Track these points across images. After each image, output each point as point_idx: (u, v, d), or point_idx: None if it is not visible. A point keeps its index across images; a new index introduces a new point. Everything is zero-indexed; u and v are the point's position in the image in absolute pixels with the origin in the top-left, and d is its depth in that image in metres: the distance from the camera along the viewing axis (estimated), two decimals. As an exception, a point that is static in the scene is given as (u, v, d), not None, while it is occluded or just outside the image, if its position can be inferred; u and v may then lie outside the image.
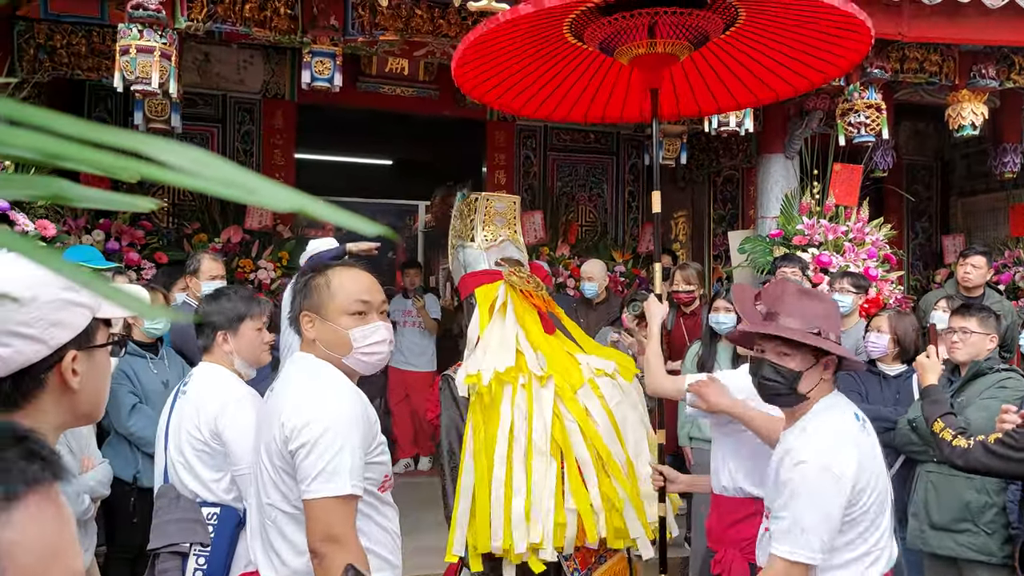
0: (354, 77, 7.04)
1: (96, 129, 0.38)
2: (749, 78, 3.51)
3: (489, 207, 3.88)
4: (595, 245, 7.99)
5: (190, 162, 0.40)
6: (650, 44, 3.01)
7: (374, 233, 0.48)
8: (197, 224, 6.64)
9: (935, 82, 6.06)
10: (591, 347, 3.75)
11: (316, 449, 1.86)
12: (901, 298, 5.89)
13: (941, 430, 2.97)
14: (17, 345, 1.16)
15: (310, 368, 2.05)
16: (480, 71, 3.31)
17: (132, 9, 4.23)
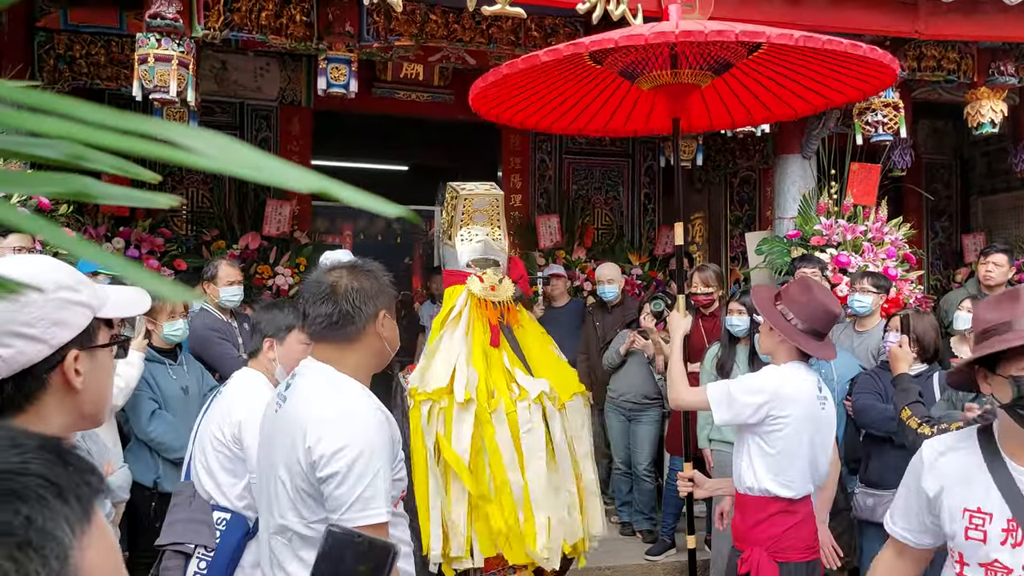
0: (369, 83, 7.07)
1: (120, 116, 0.39)
2: (767, 96, 3.51)
3: (468, 205, 3.85)
4: (611, 248, 7.97)
5: (213, 147, 0.40)
6: (673, 74, 3.01)
7: (394, 214, 0.48)
8: (215, 231, 6.68)
9: (953, 80, 6.01)
10: (539, 361, 3.73)
11: (350, 478, 1.79)
12: (921, 298, 5.84)
13: (908, 418, 3.12)
14: (19, 345, 1.16)
15: (331, 382, 1.95)
16: (498, 95, 3.33)
17: (150, 18, 4.28)
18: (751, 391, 2.82)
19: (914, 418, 3.11)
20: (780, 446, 2.78)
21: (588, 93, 3.51)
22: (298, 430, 1.88)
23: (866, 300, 4.47)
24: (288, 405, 1.97)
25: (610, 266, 6.14)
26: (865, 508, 3.77)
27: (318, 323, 1.97)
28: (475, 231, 3.83)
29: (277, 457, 1.93)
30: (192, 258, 6.36)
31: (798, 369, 2.84)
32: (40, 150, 0.42)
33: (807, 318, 2.77)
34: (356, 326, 1.95)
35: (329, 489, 1.81)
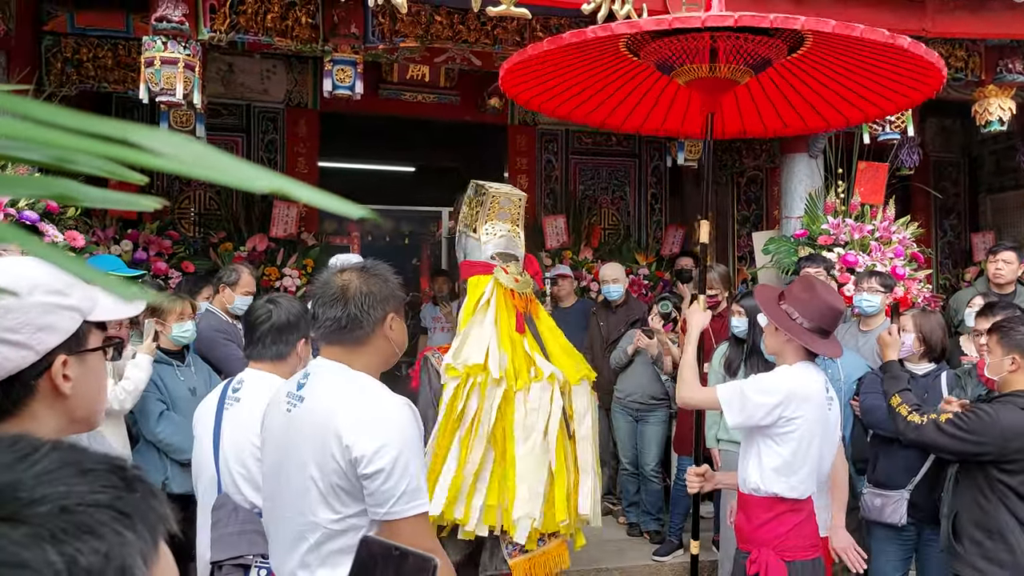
0: (375, 85, 7.09)
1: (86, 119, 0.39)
2: (802, 104, 3.45)
3: (495, 203, 4.14)
4: (618, 248, 7.97)
5: (172, 147, 0.40)
6: (711, 68, 2.96)
7: (357, 215, 0.48)
8: (223, 233, 6.71)
9: (961, 78, 5.98)
10: (553, 348, 4.03)
11: (395, 473, 1.84)
12: (930, 297, 5.81)
13: (898, 405, 3.16)
14: (3, 352, 1.14)
15: (353, 381, 1.98)
16: (528, 79, 3.29)
17: (156, 22, 4.30)
18: (764, 392, 2.80)
19: (904, 405, 3.15)
20: (792, 448, 2.77)
21: (623, 86, 3.43)
22: (328, 430, 1.89)
23: (875, 300, 4.44)
24: (307, 405, 1.98)
25: (613, 266, 6.14)
26: (873, 508, 3.76)
27: (327, 326, 1.99)
28: (499, 227, 4.11)
29: (304, 456, 1.94)
30: (200, 260, 6.38)
31: (808, 369, 2.83)
32: (26, 153, 0.42)
33: (812, 316, 2.76)
34: (364, 330, 1.98)
35: (375, 485, 1.84)
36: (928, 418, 3.04)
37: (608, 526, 5.85)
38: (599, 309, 6.11)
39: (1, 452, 0.53)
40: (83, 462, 0.55)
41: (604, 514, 5.97)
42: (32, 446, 0.55)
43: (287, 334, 2.67)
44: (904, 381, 3.24)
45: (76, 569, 0.49)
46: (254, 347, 2.69)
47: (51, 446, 0.55)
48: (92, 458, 0.57)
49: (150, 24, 4.34)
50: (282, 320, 2.66)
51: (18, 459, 0.53)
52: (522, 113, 7.96)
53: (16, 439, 0.56)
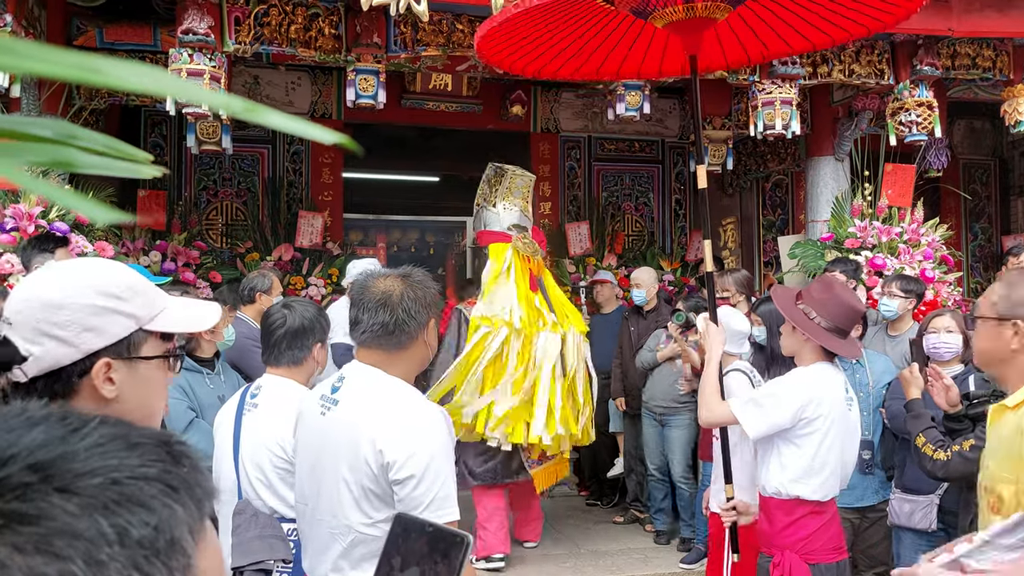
0: (399, 95, 7.14)
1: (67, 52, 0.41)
2: (785, 29, 3.29)
3: (512, 183, 5.07)
4: (643, 254, 7.94)
5: (139, 74, 0.42)
6: (687, 8, 2.86)
7: (331, 141, 0.49)
8: (249, 243, 6.78)
9: (989, 78, 5.91)
10: (557, 304, 5.08)
11: (425, 480, 1.86)
12: (960, 300, 5.72)
13: (923, 444, 3.06)
14: (47, 345, 1.17)
15: (389, 386, 1.99)
16: (504, 41, 3.21)
17: (182, 34, 4.37)
18: (781, 396, 2.76)
19: (928, 444, 3.05)
20: (812, 450, 2.73)
21: (598, 35, 3.29)
22: (362, 434, 1.91)
23: (892, 304, 4.37)
24: (342, 408, 2.00)
25: (644, 270, 6.10)
26: (902, 514, 3.69)
27: (373, 330, 2.00)
28: (515, 202, 5.01)
29: (338, 459, 1.96)
30: (227, 270, 6.46)
31: (826, 369, 2.79)
32: (33, 128, 0.43)
33: (830, 316, 2.73)
34: (409, 334, 2.01)
35: (406, 491, 1.87)
36: (952, 451, 2.97)
37: (634, 534, 5.81)
38: (630, 314, 6.08)
39: (52, 425, 0.54)
40: (131, 436, 0.56)
41: (631, 522, 5.97)
42: (82, 420, 0.55)
43: (302, 339, 2.65)
44: (927, 419, 3.16)
45: (128, 540, 0.49)
46: (270, 353, 2.69)
47: (99, 420, 0.56)
48: (139, 432, 0.57)
49: (176, 37, 4.42)
50: (296, 325, 2.64)
51: (70, 432, 0.53)
52: (544, 121, 7.97)
53: (65, 413, 0.56)
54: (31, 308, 1.18)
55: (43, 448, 0.51)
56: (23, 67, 0.39)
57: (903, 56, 5.68)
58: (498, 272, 4.89)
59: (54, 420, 0.55)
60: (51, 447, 0.52)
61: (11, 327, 1.18)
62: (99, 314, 1.20)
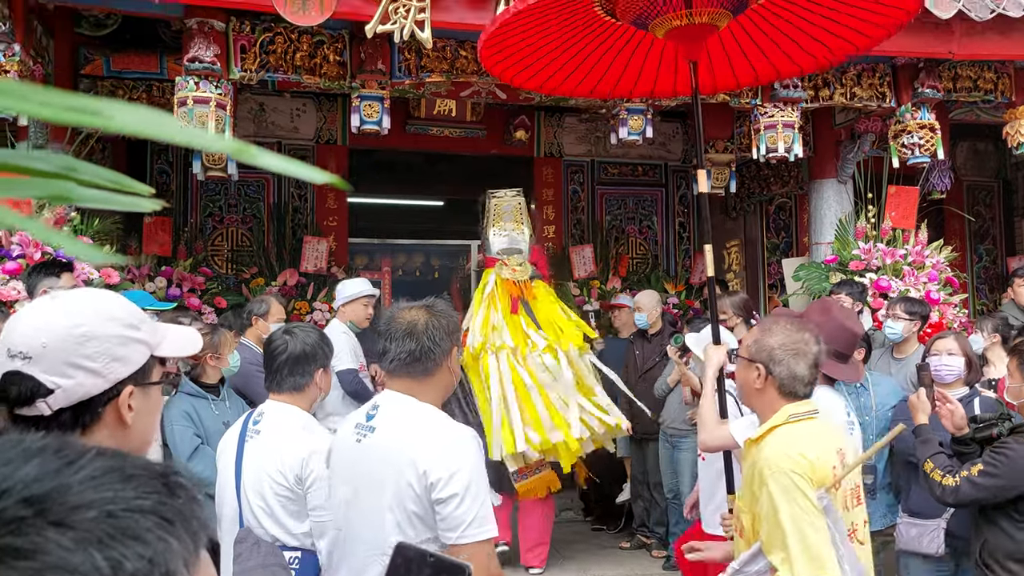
0: (403, 121, 7.19)
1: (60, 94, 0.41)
2: (790, 45, 3.26)
3: (498, 207, 5.24)
4: (647, 277, 7.94)
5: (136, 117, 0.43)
6: (687, 15, 2.84)
7: (321, 180, 0.50)
8: (255, 268, 6.80)
9: (991, 100, 5.93)
10: (548, 324, 5.10)
11: (467, 499, 1.93)
12: (966, 322, 5.70)
13: (931, 470, 3.04)
14: (79, 377, 1.20)
15: (423, 412, 2.08)
16: (508, 52, 3.20)
17: (189, 62, 4.41)
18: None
19: (937, 470, 3.03)
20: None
21: (606, 52, 3.29)
22: (403, 458, 1.97)
23: (896, 327, 4.36)
24: (380, 435, 2.07)
25: (644, 294, 6.10)
26: (909, 539, 3.65)
27: (401, 358, 2.09)
28: (504, 227, 5.16)
29: (378, 483, 2.02)
30: (232, 295, 6.47)
31: (825, 393, 2.76)
32: (34, 163, 0.44)
33: (828, 339, 2.69)
34: (435, 361, 2.10)
35: (448, 510, 1.93)
36: (960, 477, 2.95)
37: (641, 559, 5.76)
38: (636, 338, 6.07)
39: (47, 457, 0.54)
40: (127, 468, 0.56)
41: (637, 547, 5.91)
42: (77, 451, 0.55)
43: (304, 364, 2.63)
44: (935, 444, 3.13)
45: (122, 574, 0.49)
46: (272, 379, 2.67)
47: (96, 451, 0.56)
48: (135, 464, 0.57)
49: (183, 65, 4.46)
50: (298, 351, 2.63)
51: (65, 464, 0.53)
52: (548, 145, 8.02)
53: (61, 445, 0.56)
54: (58, 341, 1.20)
55: (38, 482, 0.51)
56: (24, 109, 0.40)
57: (904, 79, 5.71)
58: (479, 297, 5.17)
59: (50, 452, 0.55)
60: (46, 480, 0.52)
61: (30, 361, 1.19)
62: (124, 344, 1.24)
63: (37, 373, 1.19)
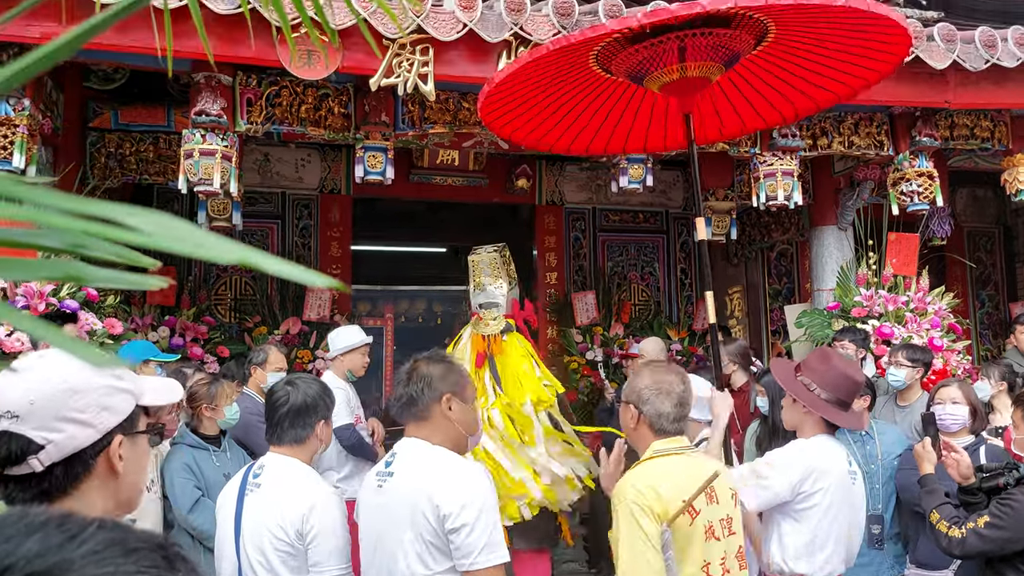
0: (407, 170, 7.26)
1: (76, 200, 0.43)
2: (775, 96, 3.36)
3: (475, 263, 5.29)
4: (650, 324, 7.94)
5: (154, 225, 0.44)
6: (681, 68, 2.91)
7: (320, 284, 0.51)
8: (258, 317, 6.81)
9: (988, 147, 5.99)
10: (511, 379, 4.87)
11: (478, 527, 2.10)
12: (970, 369, 5.68)
13: (937, 521, 3.02)
14: (70, 430, 1.21)
15: (436, 452, 2.26)
16: (507, 109, 3.26)
17: (195, 115, 4.48)
18: (780, 468, 2.70)
19: (943, 521, 3.00)
20: (813, 524, 2.66)
21: (600, 108, 3.37)
22: (420, 494, 2.16)
23: (899, 374, 4.35)
24: (398, 477, 2.25)
25: (648, 341, 6.07)
26: (918, 590, 3.61)
27: (400, 402, 2.33)
28: (481, 282, 5.21)
29: (399, 521, 2.19)
30: (235, 344, 6.47)
31: (827, 442, 2.75)
32: (44, 240, 0.45)
33: (829, 387, 2.70)
34: (419, 406, 2.30)
35: (460, 539, 2.11)
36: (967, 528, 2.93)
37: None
38: None
39: (50, 532, 0.54)
40: (128, 541, 0.57)
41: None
42: (79, 525, 0.56)
43: (305, 417, 2.62)
44: (941, 495, 3.11)
45: None
46: (273, 431, 2.65)
47: (97, 525, 0.57)
48: (136, 537, 0.58)
49: (190, 118, 4.53)
50: (299, 403, 2.62)
51: (67, 539, 0.54)
52: (549, 193, 8.09)
53: (64, 518, 0.57)
54: (46, 398, 1.21)
55: (40, 557, 0.52)
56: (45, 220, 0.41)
57: (902, 127, 5.78)
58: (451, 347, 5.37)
59: (52, 527, 0.55)
60: (48, 556, 0.52)
61: (18, 420, 1.19)
62: (111, 394, 1.26)
63: (27, 431, 1.19)
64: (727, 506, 2.31)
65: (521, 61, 2.86)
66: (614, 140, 3.72)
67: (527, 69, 2.90)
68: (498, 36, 4.35)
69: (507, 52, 4.43)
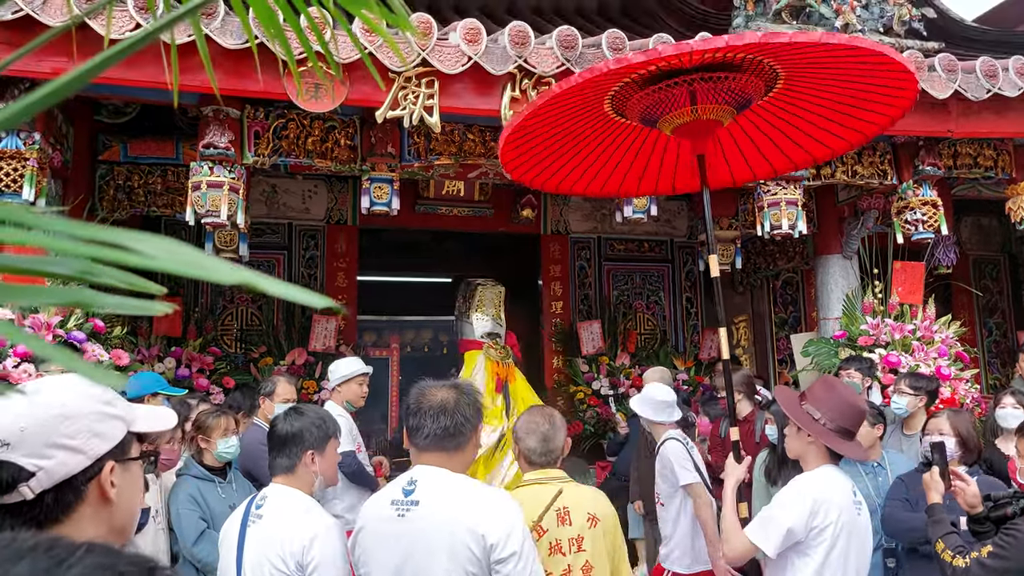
0: (412, 201, 7.31)
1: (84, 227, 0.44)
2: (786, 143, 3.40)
3: (483, 295, 5.67)
4: (655, 353, 7.92)
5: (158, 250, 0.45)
6: (692, 111, 2.95)
7: (323, 305, 0.52)
8: (264, 348, 6.83)
9: (991, 176, 6.01)
10: (522, 403, 5.30)
11: (524, 555, 2.13)
12: (978, 397, 5.65)
13: (942, 551, 2.99)
14: (61, 456, 1.20)
15: (463, 483, 2.27)
16: (524, 151, 3.30)
17: (204, 148, 4.53)
18: (789, 504, 2.66)
19: (947, 551, 2.97)
20: (820, 558, 2.61)
21: (609, 147, 3.42)
22: (459, 524, 2.13)
23: (901, 402, 4.32)
24: (426, 506, 2.20)
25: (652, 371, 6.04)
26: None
27: (437, 433, 2.27)
28: (487, 312, 5.58)
29: (431, 553, 2.15)
30: (240, 375, 6.48)
31: (831, 472, 2.72)
32: (52, 267, 0.46)
33: (833, 416, 2.68)
34: (465, 436, 2.30)
35: (509, 568, 2.11)
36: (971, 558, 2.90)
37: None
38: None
39: (38, 557, 0.54)
40: (117, 565, 0.56)
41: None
42: (68, 550, 0.56)
43: (290, 446, 2.61)
44: (947, 524, 3.08)
45: None
46: (271, 460, 2.66)
47: (86, 549, 0.57)
48: (125, 560, 0.58)
49: (198, 151, 4.58)
50: (283, 432, 2.62)
51: (55, 564, 0.54)
52: (554, 223, 8.12)
53: (52, 543, 0.57)
54: (37, 425, 1.20)
55: None
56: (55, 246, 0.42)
57: (905, 157, 5.80)
58: (469, 373, 5.55)
59: (40, 551, 0.55)
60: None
61: (8, 448, 1.19)
62: (102, 420, 1.26)
63: (17, 458, 1.19)
64: (580, 527, 2.62)
65: (543, 98, 2.89)
66: (627, 182, 3.78)
67: (544, 110, 2.94)
68: (502, 69, 4.40)
69: (511, 84, 4.48)
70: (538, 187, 3.70)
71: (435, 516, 2.18)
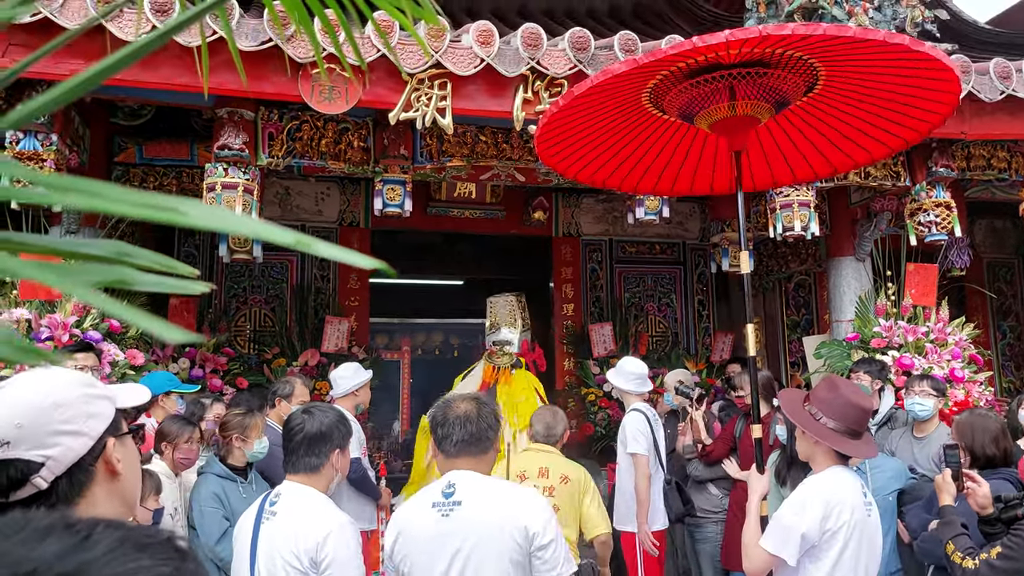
0: (425, 203, 7.34)
1: (138, 193, 0.46)
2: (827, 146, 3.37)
3: (493, 306, 6.03)
4: (667, 355, 7.92)
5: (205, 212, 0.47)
6: (731, 107, 2.94)
7: (370, 266, 0.54)
8: (277, 349, 6.86)
9: (1005, 178, 5.98)
10: (508, 407, 5.45)
11: (558, 540, 2.42)
12: (993, 400, 5.62)
13: (952, 552, 3.03)
14: (66, 442, 1.24)
15: (500, 483, 2.57)
16: (563, 146, 3.29)
17: (218, 149, 4.57)
18: (801, 508, 2.64)
19: (957, 552, 2.98)
20: (831, 561, 2.59)
21: (646, 142, 3.41)
22: (507, 519, 2.38)
23: (927, 404, 4.30)
24: (471, 506, 2.41)
25: (672, 374, 6.04)
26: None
27: (465, 440, 2.50)
28: (498, 322, 5.95)
29: (484, 547, 2.37)
30: (253, 376, 6.52)
31: (840, 473, 2.70)
32: (89, 249, 0.48)
33: (837, 416, 2.66)
34: (489, 440, 2.54)
35: (548, 554, 2.39)
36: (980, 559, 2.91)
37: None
38: (669, 417, 5.98)
39: (62, 536, 0.55)
40: (139, 537, 0.58)
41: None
42: (88, 526, 0.57)
43: (319, 445, 2.61)
44: (957, 526, 3.08)
45: None
46: (289, 459, 2.65)
47: (104, 524, 0.58)
48: (144, 532, 0.59)
49: (213, 152, 4.62)
50: (314, 431, 2.62)
51: (81, 539, 0.55)
52: (566, 225, 8.13)
53: (70, 522, 0.58)
54: (33, 417, 1.23)
55: (60, 560, 0.53)
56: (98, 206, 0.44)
57: (918, 158, 5.78)
58: (458, 381, 5.90)
59: (61, 528, 0.56)
60: (69, 557, 0.54)
61: (9, 446, 1.21)
62: (91, 401, 1.29)
63: (21, 453, 1.21)
64: (554, 481, 3.62)
65: (573, 94, 2.89)
66: (663, 181, 3.74)
67: (581, 101, 2.93)
68: (515, 70, 4.42)
69: (524, 86, 4.49)
70: (572, 177, 3.67)
71: (480, 513, 2.40)
